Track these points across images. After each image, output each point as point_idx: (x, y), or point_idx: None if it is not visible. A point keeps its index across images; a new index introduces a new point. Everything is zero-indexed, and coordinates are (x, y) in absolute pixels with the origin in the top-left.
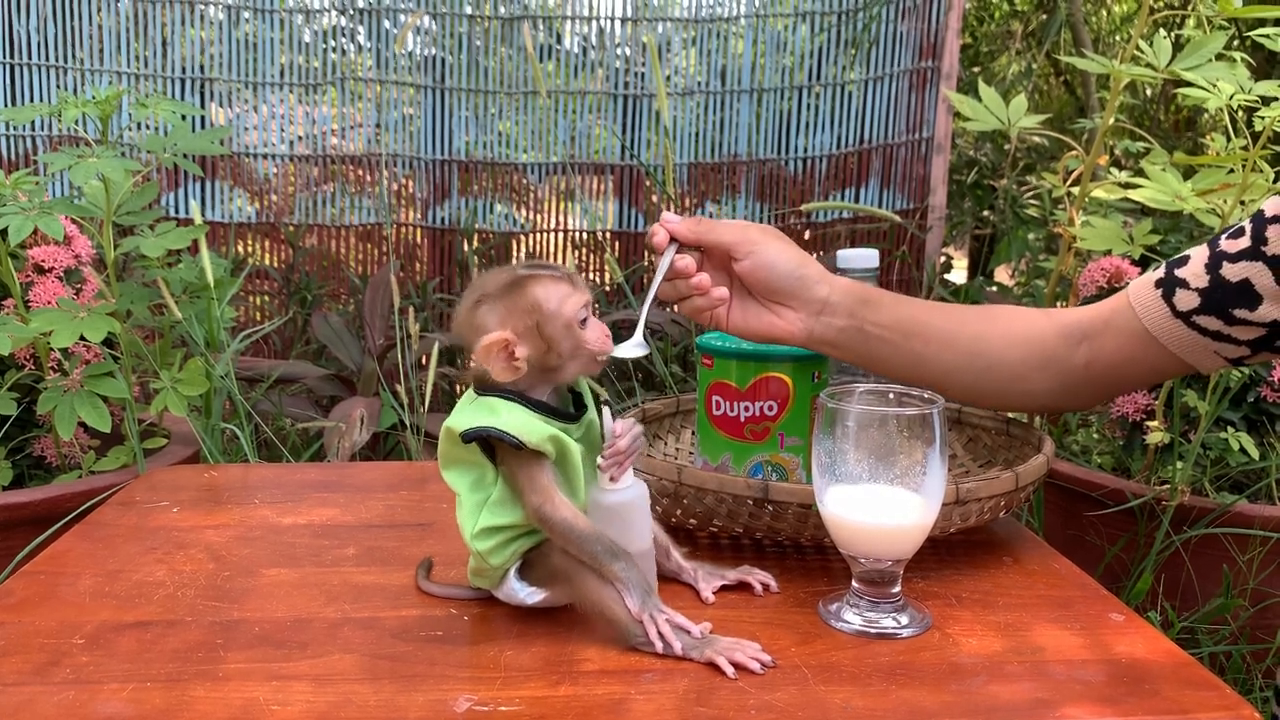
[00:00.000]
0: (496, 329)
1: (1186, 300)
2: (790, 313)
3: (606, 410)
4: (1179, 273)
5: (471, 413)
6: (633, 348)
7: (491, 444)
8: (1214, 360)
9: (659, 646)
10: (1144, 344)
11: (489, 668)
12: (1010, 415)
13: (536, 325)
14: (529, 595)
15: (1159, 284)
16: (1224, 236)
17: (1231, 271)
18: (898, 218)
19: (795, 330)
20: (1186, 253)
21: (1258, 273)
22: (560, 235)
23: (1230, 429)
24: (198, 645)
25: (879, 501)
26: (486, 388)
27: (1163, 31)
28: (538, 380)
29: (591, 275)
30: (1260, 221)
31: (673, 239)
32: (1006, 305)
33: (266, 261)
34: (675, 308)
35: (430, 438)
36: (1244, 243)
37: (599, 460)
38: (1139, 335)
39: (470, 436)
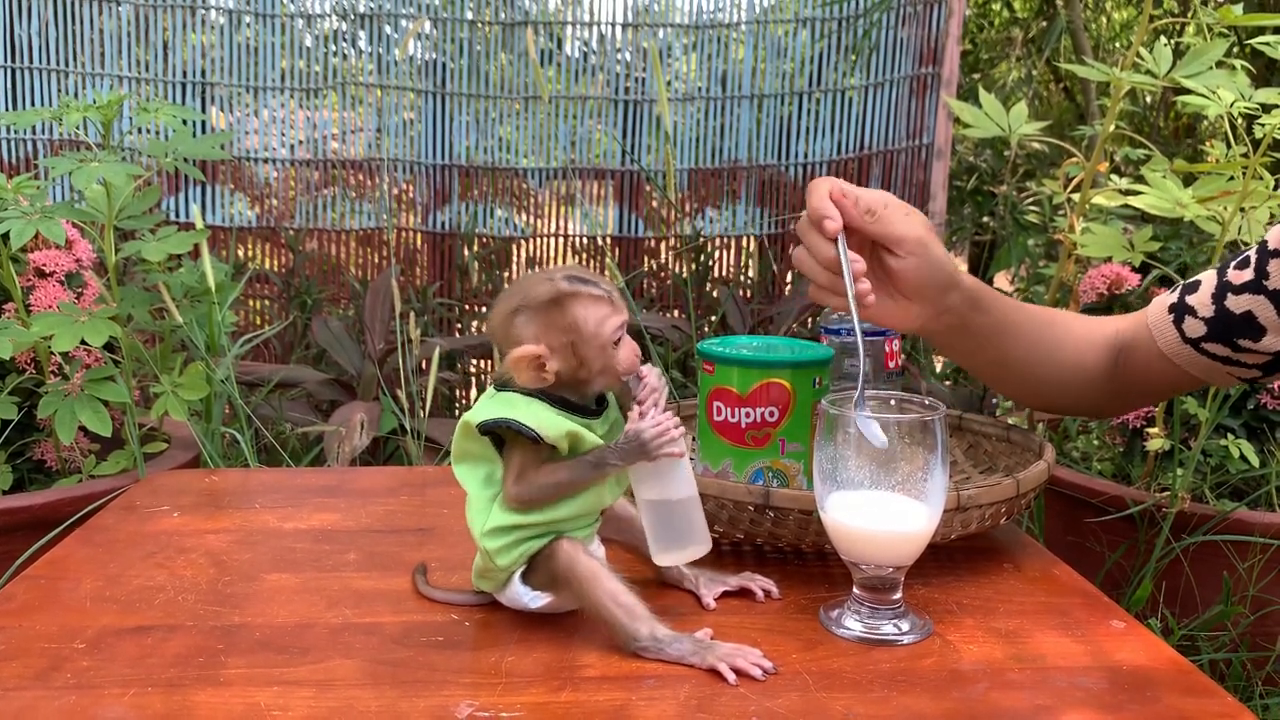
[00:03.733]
0: (531, 342)
1: (1194, 328)
2: (915, 308)
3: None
4: (1189, 300)
5: (490, 406)
6: (869, 427)
7: (503, 439)
8: (1228, 379)
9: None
10: (1162, 362)
11: (490, 673)
12: (1011, 422)
13: (572, 344)
14: (532, 600)
15: (1171, 309)
16: (1232, 265)
17: (1235, 303)
18: None
19: (910, 323)
20: (1199, 277)
21: (1260, 306)
22: (560, 240)
23: (1230, 436)
24: (199, 650)
25: (881, 508)
26: (507, 385)
27: (1163, 39)
28: (563, 390)
29: None
30: (1264, 255)
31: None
32: (1057, 310)
33: (267, 266)
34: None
35: (431, 442)
36: (1248, 275)
37: (634, 409)
38: (1158, 354)
39: (486, 427)
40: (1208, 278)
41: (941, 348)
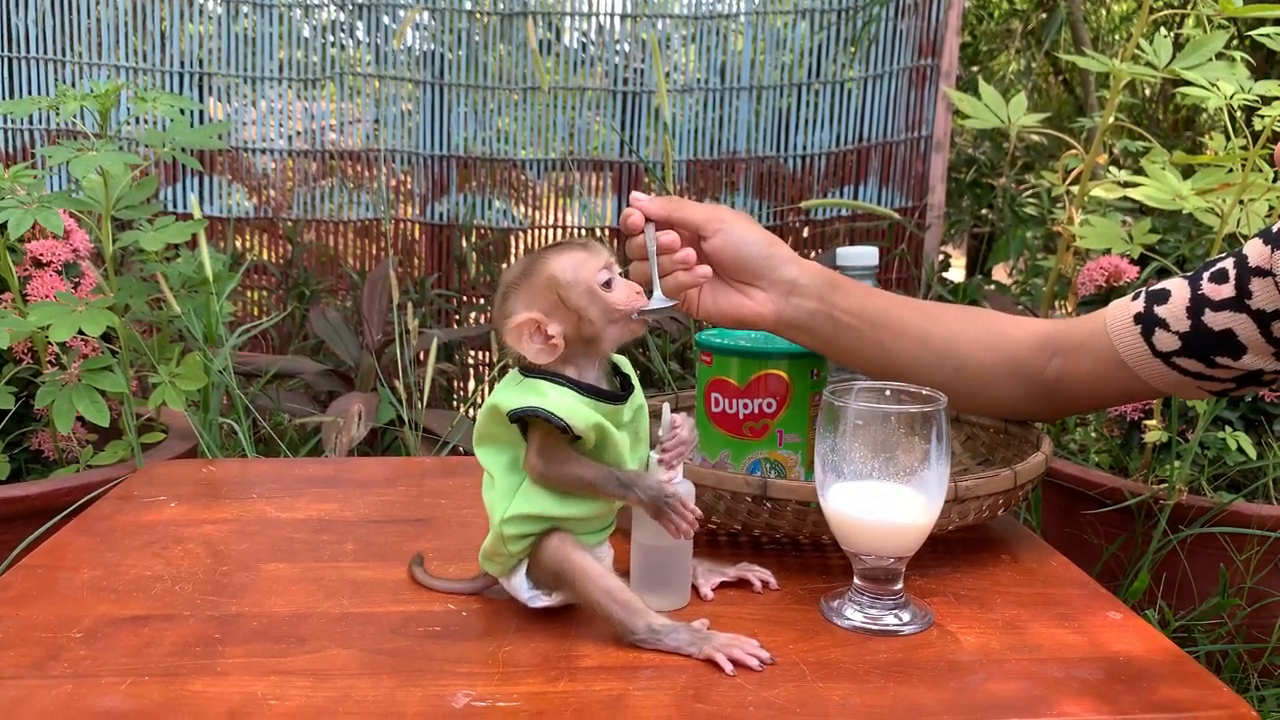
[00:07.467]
0: (523, 313)
1: (1166, 341)
2: (759, 293)
3: (666, 405)
4: (1159, 311)
5: (519, 392)
6: (659, 301)
7: (528, 423)
8: (1197, 393)
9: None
10: (1119, 369)
11: (487, 663)
12: None
13: (559, 298)
14: (532, 599)
15: (1138, 319)
16: (1205, 277)
17: (1214, 320)
18: (896, 215)
19: (764, 312)
20: (1165, 285)
21: (1242, 324)
22: (559, 231)
23: (1228, 428)
24: (196, 640)
25: (882, 498)
26: (532, 370)
27: (1163, 30)
28: (581, 355)
29: None
30: (1244, 271)
31: (646, 219)
32: (984, 309)
33: (265, 256)
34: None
35: (428, 434)
36: (1228, 291)
37: (655, 455)
38: (1115, 362)
39: (517, 416)
40: (1177, 288)
41: (821, 347)
